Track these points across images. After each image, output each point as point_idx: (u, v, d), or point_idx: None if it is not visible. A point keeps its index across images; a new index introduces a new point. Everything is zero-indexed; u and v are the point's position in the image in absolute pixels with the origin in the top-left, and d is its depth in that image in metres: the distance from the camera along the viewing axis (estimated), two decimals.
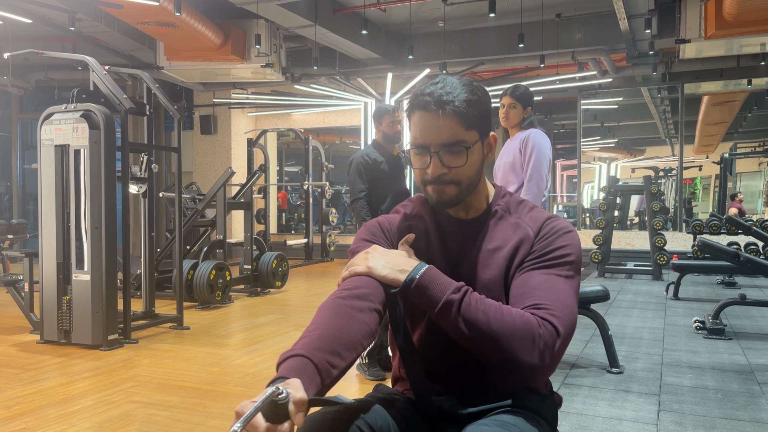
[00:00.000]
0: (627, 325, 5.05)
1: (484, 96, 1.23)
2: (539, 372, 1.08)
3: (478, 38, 9.04)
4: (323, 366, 0.98)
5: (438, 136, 1.18)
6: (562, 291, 1.14)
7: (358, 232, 1.34)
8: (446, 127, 1.17)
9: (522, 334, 1.07)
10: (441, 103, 1.17)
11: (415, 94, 1.21)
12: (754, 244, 7.96)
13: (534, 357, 1.06)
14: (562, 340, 1.09)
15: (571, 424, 2.79)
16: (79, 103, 4.46)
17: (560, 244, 1.20)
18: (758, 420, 2.85)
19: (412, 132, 1.22)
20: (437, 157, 1.18)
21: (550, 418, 1.27)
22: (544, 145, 3.27)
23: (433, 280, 1.12)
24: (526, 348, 1.06)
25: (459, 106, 1.17)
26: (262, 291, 7.02)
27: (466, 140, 1.19)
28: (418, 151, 1.21)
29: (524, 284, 1.16)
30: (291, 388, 0.88)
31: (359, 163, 3.74)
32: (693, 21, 7.17)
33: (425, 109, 1.18)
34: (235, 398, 3.30)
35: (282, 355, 1.00)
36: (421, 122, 1.19)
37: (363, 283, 1.14)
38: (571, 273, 1.18)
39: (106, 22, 7.94)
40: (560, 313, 1.11)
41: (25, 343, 4.56)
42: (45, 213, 4.46)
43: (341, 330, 1.05)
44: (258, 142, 9.62)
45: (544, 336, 1.07)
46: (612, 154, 15.57)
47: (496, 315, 1.08)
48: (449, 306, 1.09)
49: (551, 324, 1.09)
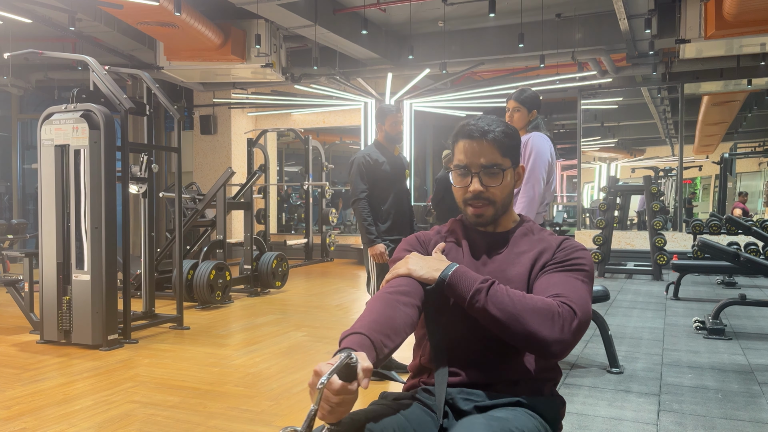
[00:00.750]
0: (627, 325, 5.05)
1: (516, 133, 1.46)
2: (560, 345, 1.23)
3: (478, 38, 9.03)
4: (378, 344, 1.16)
5: (479, 158, 1.40)
6: (578, 288, 1.32)
7: (399, 245, 1.54)
8: (487, 151, 1.40)
9: (543, 312, 1.23)
10: (484, 132, 1.40)
11: (461, 125, 1.44)
12: (754, 244, 7.96)
13: (555, 331, 1.22)
14: (579, 320, 1.25)
15: (571, 424, 2.79)
16: (79, 103, 4.46)
17: (577, 255, 1.39)
18: (758, 420, 2.85)
19: (457, 156, 1.44)
20: (477, 177, 1.40)
21: (551, 418, 1.34)
22: (543, 148, 3.26)
23: (464, 275, 1.30)
24: (547, 324, 1.22)
25: (498, 135, 1.41)
26: (262, 291, 7.02)
27: (502, 164, 1.41)
28: (461, 172, 1.43)
29: (545, 282, 1.34)
30: (360, 357, 1.07)
31: (361, 164, 3.73)
32: (693, 21, 7.16)
33: (470, 137, 1.41)
34: (235, 398, 3.30)
35: (343, 332, 1.19)
36: (465, 148, 1.42)
37: (405, 283, 1.33)
38: (586, 279, 1.36)
39: (106, 22, 7.94)
40: (577, 300, 1.28)
41: (25, 343, 4.56)
42: (45, 213, 4.46)
43: (390, 318, 1.23)
44: (258, 142, 9.62)
45: (562, 314, 1.24)
46: (612, 154, 15.56)
47: (521, 299, 1.26)
48: (478, 293, 1.26)
49: (568, 305, 1.26)
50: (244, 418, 3.00)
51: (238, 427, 2.89)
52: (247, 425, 2.91)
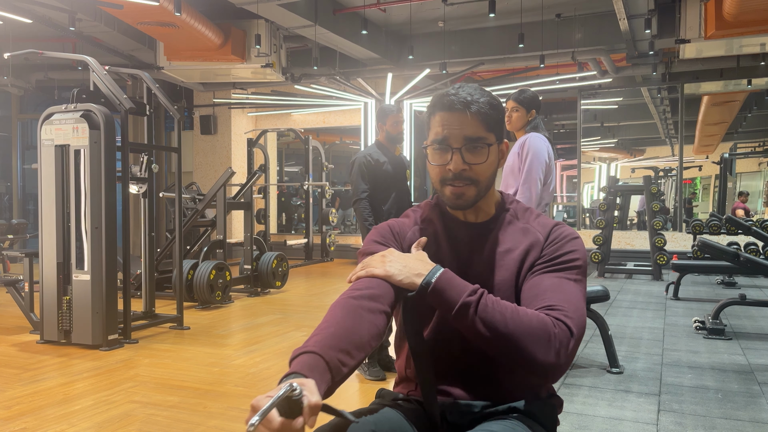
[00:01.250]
0: (627, 325, 5.05)
1: (500, 105, 1.30)
2: (555, 370, 1.11)
3: (478, 38, 9.04)
4: (334, 364, 1.00)
5: (461, 132, 1.23)
6: (572, 293, 1.19)
7: (369, 234, 1.36)
8: (470, 124, 1.23)
9: (538, 333, 1.10)
10: (466, 103, 1.23)
11: (439, 95, 1.27)
12: (754, 244, 7.96)
13: (550, 356, 1.10)
14: (575, 340, 1.13)
15: (571, 424, 2.79)
16: (79, 103, 4.46)
17: (568, 249, 1.25)
18: (758, 420, 2.85)
19: (434, 130, 1.26)
20: (459, 154, 1.24)
21: (549, 423, 1.28)
22: (540, 148, 3.26)
23: (449, 283, 1.15)
24: (542, 347, 1.09)
25: (482, 107, 1.24)
26: (262, 291, 7.02)
27: (486, 138, 1.25)
28: (439, 147, 1.25)
29: (536, 287, 1.20)
30: (306, 389, 0.90)
31: (362, 164, 3.73)
32: (693, 21, 7.17)
33: (450, 109, 1.24)
34: (235, 398, 3.30)
35: (295, 350, 1.03)
36: (445, 120, 1.25)
37: (374, 285, 1.17)
38: (579, 277, 1.24)
39: (106, 22, 7.94)
40: (572, 314, 1.15)
41: (25, 343, 4.56)
42: (45, 213, 4.46)
43: (352, 329, 1.07)
44: (258, 142, 9.62)
45: (559, 335, 1.11)
46: (612, 154, 15.57)
47: (513, 316, 1.11)
48: (466, 308, 1.12)
49: (565, 324, 1.12)
50: (244, 418, 2.99)
51: (238, 427, 2.89)
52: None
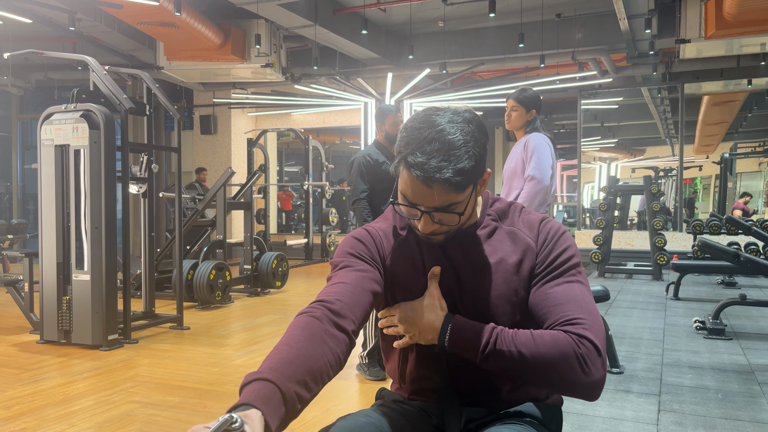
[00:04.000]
0: (627, 325, 5.05)
1: (482, 140, 1.14)
2: (593, 388, 1.07)
3: (478, 38, 9.03)
4: (290, 396, 0.92)
5: (428, 202, 1.11)
6: (583, 299, 1.14)
7: (344, 242, 1.26)
8: (438, 195, 1.10)
9: (564, 360, 1.06)
10: (430, 180, 1.08)
11: (406, 153, 1.10)
12: (755, 244, 7.96)
13: (583, 377, 1.06)
14: (602, 351, 1.08)
15: (571, 424, 2.79)
16: (79, 103, 4.46)
17: (562, 248, 1.19)
18: (758, 420, 2.85)
19: (402, 186, 1.13)
20: (428, 216, 1.13)
21: (554, 425, 1.27)
22: (544, 146, 3.27)
23: (461, 335, 1.11)
24: (573, 372, 1.05)
25: (451, 179, 1.08)
26: (262, 291, 7.02)
27: (460, 202, 1.13)
28: (408, 205, 1.14)
29: (546, 299, 1.15)
30: (248, 422, 0.84)
31: (361, 163, 3.73)
32: (693, 21, 7.17)
33: (416, 178, 1.09)
34: (235, 398, 3.29)
35: (248, 375, 0.94)
36: (411, 184, 1.11)
37: (344, 296, 1.10)
38: (580, 275, 1.19)
39: (106, 22, 7.94)
40: (591, 323, 1.10)
41: (25, 343, 4.56)
42: (45, 213, 4.46)
43: (312, 357, 0.99)
44: (258, 142, 9.62)
45: (585, 354, 1.06)
46: (612, 154, 15.57)
47: (534, 349, 1.07)
48: (488, 357, 1.09)
49: (588, 340, 1.07)
50: None
51: None
52: None
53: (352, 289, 1.13)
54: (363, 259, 1.20)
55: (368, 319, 1.16)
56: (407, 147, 1.11)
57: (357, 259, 1.20)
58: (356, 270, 1.18)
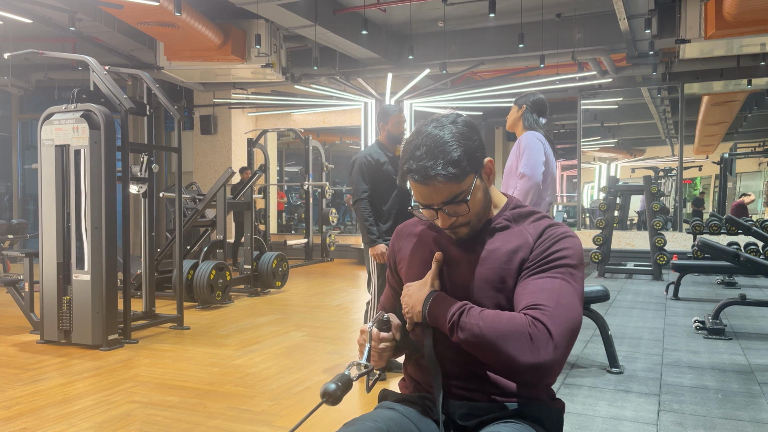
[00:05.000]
0: (627, 325, 5.05)
1: (469, 134, 1.25)
2: (539, 371, 1.12)
3: (478, 38, 9.03)
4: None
5: (434, 199, 1.25)
6: (557, 291, 1.18)
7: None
8: (438, 191, 1.23)
9: (513, 336, 1.13)
10: (427, 178, 1.21)
11: (403, 164, 1.26)
12: (754, 244, 7.96)
13: (528, 356, 1.12)
14: (557, 337, 1.13)
15: (571, 424, 2.79)
16: (79, 103, 4.46)
17: (558, 247, 1.24)
18: (758, 420, 2.85)
19: (414, 193, 1.30)
20: (442, 212, 1.26)
21: (555, 427, 1.28)
22: (536, 143, 3.29)
23: (437, 308, 1.25)
24: (518, 348, 1.13)
25: (443, 172, 1.20)
26: (262, 291, 7.02)
27: (464, 191, 1.24)
28: (423, 208, 1.30)
29: (522, 290, 1.22)
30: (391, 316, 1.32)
31: (362, 164, 3.73)
32: (693, 21, 7.16)
33: (415, 181, 1.24)
34: (235, 398, 3.30)
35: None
36: (416, 189, 1.26)
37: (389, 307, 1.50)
38: (569, 274, 1.22)
39: (106, 22, 7.94)
40: (554, 311, 1.15)
41: (25, 343, 4.56)
42: (45, 213, 4.46)
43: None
44: (258, 142, 9.63)
45: (535, 335, 1.13)
46: (612, 154, 15.57)
47: (489, 323, 1.16)
48: (453, 327, 1.21)
49: (542, 322, 1.14)
50: (244, 418, 3.00)
51: (238, 427, 2.89)
52: (247, 425, 2.91)
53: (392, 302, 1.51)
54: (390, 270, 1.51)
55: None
56: (403, 159, 1.27)
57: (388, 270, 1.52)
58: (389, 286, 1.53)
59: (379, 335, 1.29)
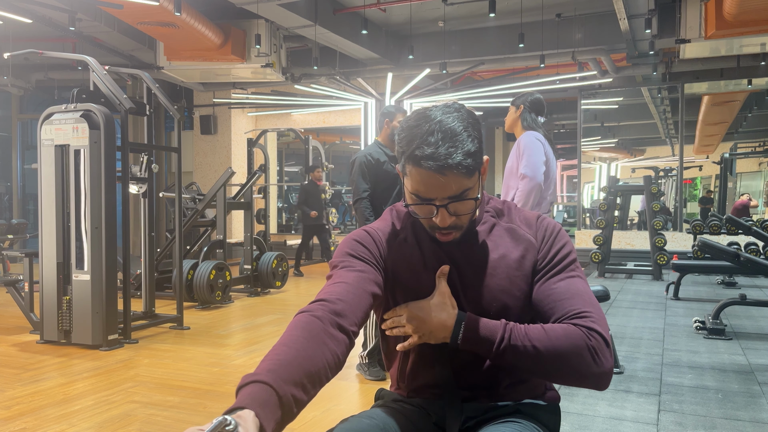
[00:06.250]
0: (627, 325, 5.04)
1: (477, 126, 1.16)
2: (604, 379, 1.11)
3: (478, 38, 9.03)
4: (287, 400, 0.91)
5: (443, 192, 1.12)
6: (586, 293, 1.17)
7: (342, 243, 1.25)
8: (451, 184, 1.11)
9: (576, 352, 1.09)
10: (444, 167, 1.09)
11: (412, 149, 1.11)
12: (755, 244, 7.96)
13: (594, 368, 1.09)
14: (609, 341, 1.12)
15: (571, 424, 2.79)
16: (79, 103, 4.46)
17: (560, 244, 1.23)
18: (758, 420, 2.85)
19: (412, 185, 1.14)
20: (445, 209, 1.14)
21: (553, 423, 1.27)
22: (535, 144, 3.28)
23: (475, 333, 1.13)
24: (584, 363, 1.09)
25: (464, 163, 1.10)
26: (262, 291, 7.02)
27: (471, 188, 1.14)
28: (422, 202, 1.15)
29: (550, 296, 1.18)
30: (242, 424, 0.85)
31: (362, 163, 3.73)
32: (693, 21, 7.16)
33: (426, 169, 1.10)
34: (234, 398, 3.29)
35: (245, 377, 0.94)
36: (422, 179, 1.12)
37: (345, 296, 1.10)
38: (579, 271, 1.23)
39: (106, 22, 7.94)
40: (597, 316, 1.14)
41: (25, 343, 4.56)
42: (45, 213, 4.46)
43: (311, 359, 0.98)
44: (258, 142, 9.61)
45: (596, 346, 1.10)
46: (612, 154, 15.57)
47: (547, 343, 1.09)
48: (501, 354, 1.12)
49: (597, 332, 1.11)
50: None
51: None
52: None
53: (353, 290, 1.12)
54: (363, 260, 1.20)
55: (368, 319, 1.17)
56: (410, 144, 1.12)
57: (357, 260, 1.20)
58: (356, 270, 1.17)
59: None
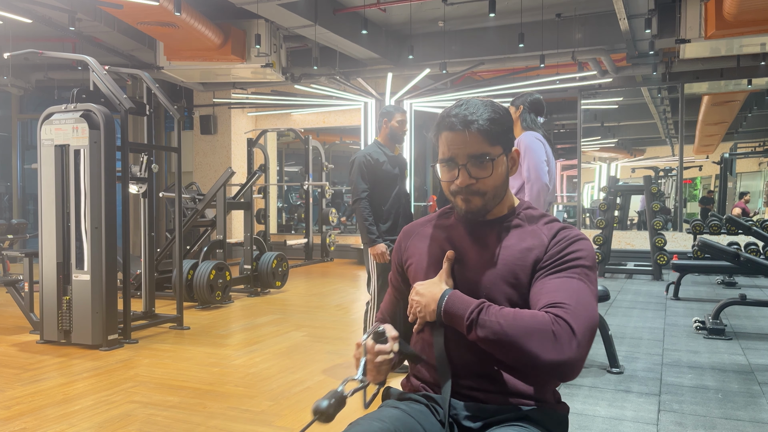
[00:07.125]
0: (627, 325, 5.05)
1: (505, 114, 1.33)
2: (563, 368, 1.13)
3: (478, 38, 9.03)
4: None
5: (465, 150, 1.28)
6: (576, 291, 1.20)
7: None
8: (472, 142, 1.28)
9: (537, 333, 1.13)
10: (466, 123, 1.28)
11: (442, 116, 1.32)
12: (755, 244, 7.96)
13: (552, 353, 1.12)
14: (580, 335, 1.14)
15: (571, 425, 2.79)
16: (79, 103, 4.46)
17: (573, 249, 1.27)
18: (758, 420, 2.85)
19: (441, 149, 1.33)
20: (465, 170, 1.29)
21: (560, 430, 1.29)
22: (536, 144, 3.29)
23: (454, 305, 1.24)
24: (543, 345, 1.12)
25: (483, 124, 1.28)
26: (262, 291, 7.02)
27: (491, 153, 1.29)
28: (446, 165, 1.32)
29: (540, 289, 1.23)
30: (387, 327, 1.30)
31: (362, 163, 3.72)
32: (693, 21, 7.16)
33: (452, 129, 1.29)
34: (235, 398, 3.30)
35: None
36: (449, 140, 1.30)
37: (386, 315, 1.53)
38: (585, 275, 1.24)
39: (106, 22, 7.94)
40: (575, 309, 1.16)
41: (25, 343, 4.56)
42: (45, 213, 4.46)
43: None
44: (258, 142, 9.62)
45: (559, 332, 1.13)
46: (612, 154, 15.57)
47: (511, 320, 1.16)
48: (472, 325, 1.20)
49: (565, 320, 1.14)
50: (244, 418, 3.00)
51: (238, 427, 2.89)
52: (247, 425, 2.91)
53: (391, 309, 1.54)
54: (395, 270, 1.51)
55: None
56: (443, 114, 1.33)
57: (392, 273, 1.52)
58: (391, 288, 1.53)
59: (375, 348, 1.26)
